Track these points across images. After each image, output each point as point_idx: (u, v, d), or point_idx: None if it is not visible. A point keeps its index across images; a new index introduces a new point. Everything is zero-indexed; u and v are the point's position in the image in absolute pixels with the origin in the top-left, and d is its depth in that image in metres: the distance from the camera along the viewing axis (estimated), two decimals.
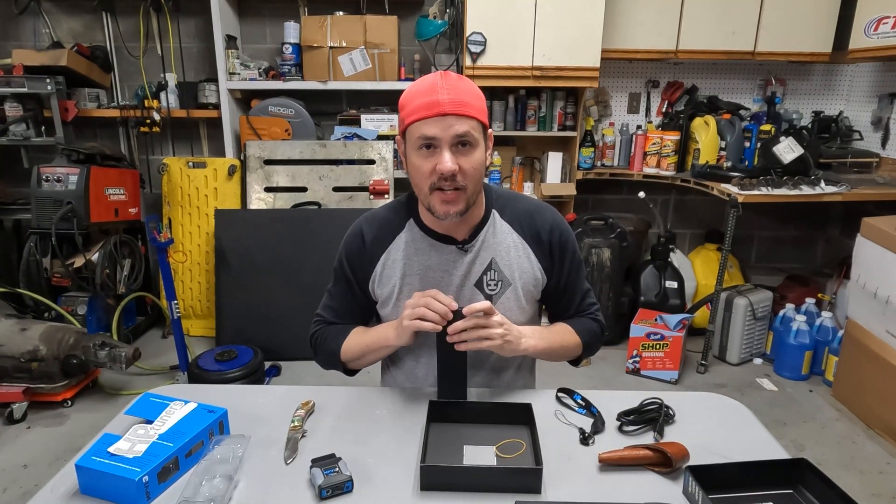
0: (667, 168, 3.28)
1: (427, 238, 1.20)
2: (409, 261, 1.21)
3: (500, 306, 1.20)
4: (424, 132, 1.05)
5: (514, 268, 1.21)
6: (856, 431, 2.47)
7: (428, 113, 1.04)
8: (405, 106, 1.10)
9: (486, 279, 1.20)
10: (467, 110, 1.06)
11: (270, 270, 3.04)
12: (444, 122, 1.04)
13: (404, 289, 1.21)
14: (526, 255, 1.22)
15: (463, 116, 1.05)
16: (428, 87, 1.06)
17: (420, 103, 1.06)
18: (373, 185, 3.21)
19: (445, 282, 1.20)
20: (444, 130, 1.04)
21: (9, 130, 3.02)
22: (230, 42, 3.21)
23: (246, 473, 0.96)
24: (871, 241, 2.48)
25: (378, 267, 1.22)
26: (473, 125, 1.07)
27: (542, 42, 2.95)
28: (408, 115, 1.08)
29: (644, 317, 2.98)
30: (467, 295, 1.20)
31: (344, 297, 1.27)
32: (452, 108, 1.04)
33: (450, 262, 1.20)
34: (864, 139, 3.34)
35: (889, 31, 2.72)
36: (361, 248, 1.23)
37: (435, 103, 1.04)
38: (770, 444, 1.08)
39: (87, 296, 2.93)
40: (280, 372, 2.90)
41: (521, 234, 1.22)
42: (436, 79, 1.07)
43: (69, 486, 0.93)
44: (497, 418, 1.10)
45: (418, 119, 1.06)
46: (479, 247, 1.20)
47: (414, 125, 1.07)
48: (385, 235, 1.23)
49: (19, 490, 2.04)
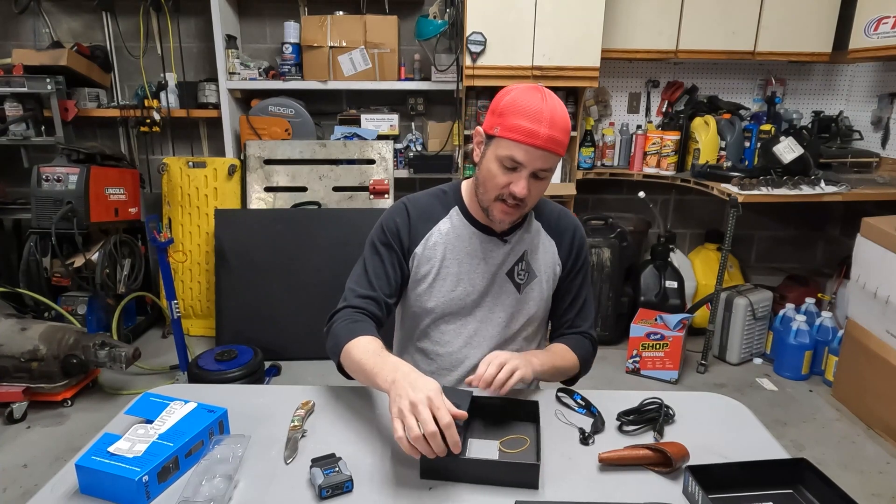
0: (667, 168, 3.28)
1: (470, 227, 1.29)
2: (451, 245, 1.28)
3: (526, 295, 1.31)
4: (514, 155, 1.11)
5: (541, 263, 1.32)
6: (856, 431, 2.47)
7: (525, 140, 1.09)
8: (504, 115, 1.12)
9: (517, 269, 1.30)
10: (558, 149, 1.12)
11: (270, 270, 3.04)
12: (535, 154, 1.10)
13: (442, 271, 1.28)
14: (552, 251, 1.33)
15: (553, 153, 1.12)
16: (533, 112, 1.09)
17: (521, 125, 1.09)
18: (373, 185, 3.21)
19: (481, 268, 1.28)
20: (531, 161, 1.11)
21: (9, 130, 3.02)
22: (230, 42, 3.21)
23: (246, 473, 0.96)
24: (871, 241, 2.48)
25: (420, 245, 1.28)
26: (556, 160, 1.15)
27: (542, 42, 2.95)
28: (504, 129, 1.11)
29: (644, 317, 2.98)
30: (498, 283, 1.29)
31: (385, 267, 1.26)
32: (548, 145, 1.10)
33: (488, 251, 1.28)
34: (864, 139, 3.34)
35: (889, 31, 2.72)
36: (406, 221, 1.28)
37: (535, 133, 1.08)
38: (770, 444, 1.07)
39: (87, 295, 2.93)
40: (280, 372, 2.90)
41: (548, 233, 1.34)
42: (541, 104, 1.10)
43: (69, 485, 0.93)
44: (505, 414, 1.12)
45: (513, 140, 1.10)
46: (515, 241, 1.30)
47: (507, 142, 1.11)
48: (430, 217, 1.29)
49: (19, 490, 2.04)
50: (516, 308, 1.30)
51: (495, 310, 1.30)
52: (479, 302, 1.30)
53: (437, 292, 1.28)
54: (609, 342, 3.22)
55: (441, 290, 1.28)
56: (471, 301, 1.29)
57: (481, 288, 1.29)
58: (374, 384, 1.03)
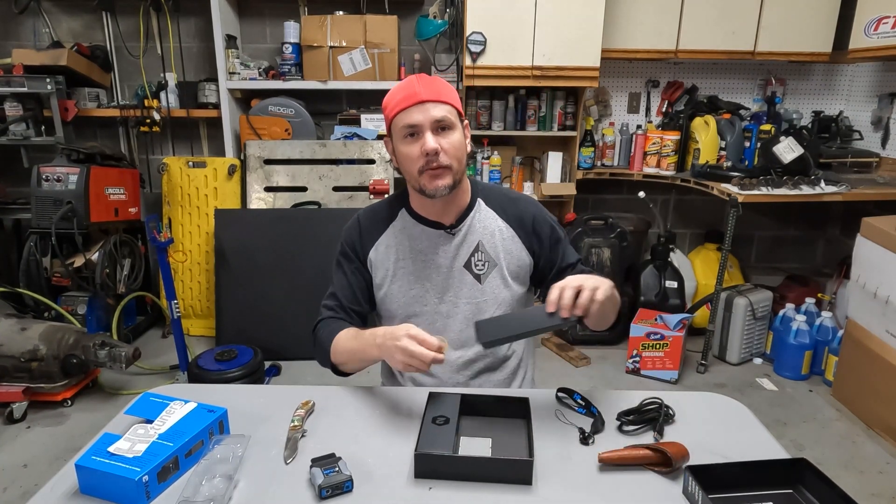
0: (667, 168, 3.28)
1: (417, 224, 1.30)
2: (401, 245, 1.30)
3: (488, 284, 1.30)
4: (406, 121, 1.18)
5: (500, 249, 1.30)
6: (856, 431, 2.47)
7: (407, 103, 1.17)
8: (387, 105, 1.22)
9: (473, 260, 1.30)
10: (442, 97, 1.19)
11: (270, 270, 3.04)
12: (423, 108, 1.17)
13: (398, 272, 1.30)
14: (511, 237, 1.31)
15: (439, 102, 1.18)
16: (405, 85, 1.20)
17: (399, 97, 1.19)
18: (373, 185, 3.21)
19: (435, 263, 1.29)
20: (423, 115, 1.16)
21: (9, 130, 3.02)
22: (230, 42, 3.21)
23: (246, 473, 0.96)
24: (871, 241, 2.48)
25: (372, 252, 1.32)
26: (449, 109, 1.19)
27: (542, 42, 2.95)
28: (391, 111, 1.21)
29: (644, 316, 2.98)
30: (456, 276, 1.29)
31: (347, 279, 1.33)
32: (429, 96, 1.17)
33: (438, 244, 1.29)
34: (864, 139, 3.34)
35: (889, 30, 2.72)
36: (358, 232, 1.33)
37: (413, 94, 1.17)
38: (770, 444, 1.07)
39: (87, 295, 2.93)
40: (280, 372, 2.90)
41: (505, 220, 1.32)
42: (411, 78, 1.20)
43: (69, 485, 0.93)
44: (495, 412, 1.13)
45: (400, 110, 1.18)
46: (465, 231, 1.30)
47: (397, 117, 1.19)
48: (380, 222, 1.33)
49: (19, 490, 2.04)
50: (481, 298, 1.29)
51: (459, 303, 1.29)
52: (442, 297, 1.30)
53: (396, 293, 1.30)
54: (609, 342, 3.22)
55: (399, 291, 1.30)
56: (431, 298, 1.30)
57: (439, 283, 1.29)
58: (370, 358, 1.17)
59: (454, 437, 1.02)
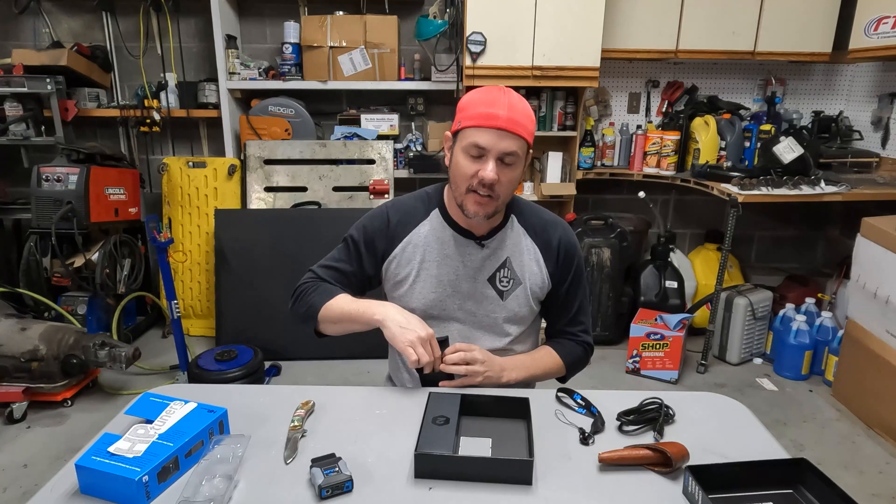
0: (667, 168, 3.28)
1: (449, 229, 1.30)
2: (430, 247, 1.30)
3: (511, 301, 1.30)
4: (477, 140, 1.15)
5: (525, 269, 1.31)
6: (856, 431, 2.47)
7: (485, 123, 1.14)
8: (464, 109, 1.19)
9: (499, 275, 1.30)
10: (520, 130, 1.16)
11: (270, 270, 3.04)
12: (498, 136, 1.14)
13: (422, 273, 1.29)
14: (536, 259, 1.32)
15: (515, 135, 1.15)
16: (490, 99, 1.16)
17: (480, 112, 1.15)
18: (373, 185, 3.21)
19: (460, 272, 1.29)
20: (494, 143, 1.14)
21: (9, 130, 3.02)
22: (230, 42, 3.21)
23: (246, 473, 0.96)
24: (871, 241, 2.48)
25: (398, 249, 1.30)
26: (521, 145, 1.17)
27: (542, 42, 2.95)
28: (465, 119, 1.18)
29: (644, 316, 2.98)
30: (479, 288, 1.30)
31: (349, 264, 1.33)
32: (507, 125, 1.14)
33: (467, 254, 1.29)
34: (864, 139, 3.34)
35: (889, 31, 2.72)
36: (385, 227, 1.31)
37: (493, 116, 1.14)
38: (770, 444, 1.08)
39: (87, 295, 2.93)
40: (280, 372, 2.90)
41: (534, 241, 1.32)
42: (498, 93, 1.17)
43: (69, 485, 0.93)
44: (495, 412, 1.13)
45: (475, 126, 1.15)
46: (495, 245, 1.30)
47: (469, 130, 1.16)
48: (409, 220, 1.32)
49: (19, 490, 2.04)
50: (500, 315, 1.31)
51: (478, 314, 1.31)
52: (462, 305, 1.30)
53: (419, 294, 1.30)
54: (609, 342, 3.22)
55: (422, 292, 1.30)
56: (452, 304, 1.30)
57: (462, 291, 1.29)
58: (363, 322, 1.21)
59: (454, 437, 1.02)
